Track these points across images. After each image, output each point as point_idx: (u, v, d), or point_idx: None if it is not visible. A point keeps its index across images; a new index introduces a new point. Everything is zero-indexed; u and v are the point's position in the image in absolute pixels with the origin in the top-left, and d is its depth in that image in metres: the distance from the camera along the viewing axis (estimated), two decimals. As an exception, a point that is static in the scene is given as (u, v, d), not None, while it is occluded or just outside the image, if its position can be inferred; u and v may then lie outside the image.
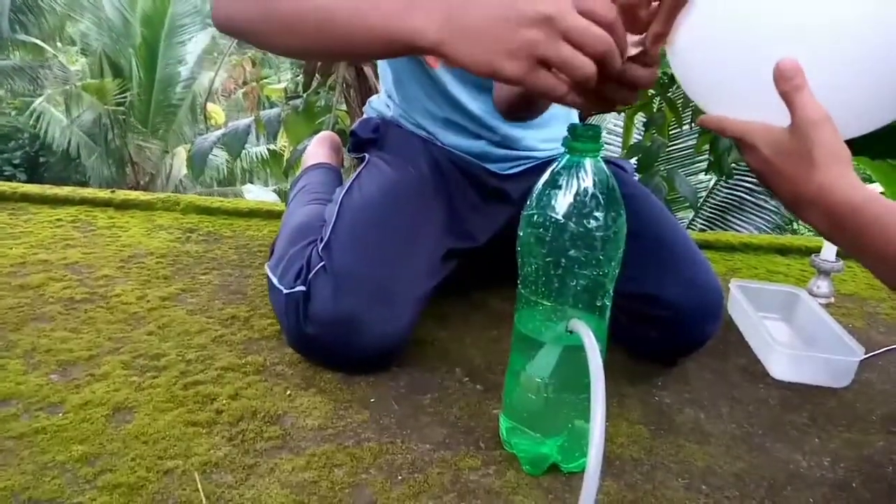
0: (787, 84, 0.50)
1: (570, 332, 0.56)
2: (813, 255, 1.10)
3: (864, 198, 0.49)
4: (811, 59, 0.49)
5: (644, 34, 0.58)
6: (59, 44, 10.22)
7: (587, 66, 0.50)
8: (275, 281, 0.82)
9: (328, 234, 0.80)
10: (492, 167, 0.94)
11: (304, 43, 0.62)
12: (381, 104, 1.02)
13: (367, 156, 0.96)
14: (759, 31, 0.52)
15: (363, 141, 0.99)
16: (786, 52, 0.50)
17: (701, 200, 3.12)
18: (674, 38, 0.58)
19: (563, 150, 0.57)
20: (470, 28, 0.52)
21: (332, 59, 0.80)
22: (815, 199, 0.51)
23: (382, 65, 0.99)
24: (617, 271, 0.59)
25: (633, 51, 0.58)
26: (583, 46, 0.50)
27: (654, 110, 1.97)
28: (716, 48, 0.55)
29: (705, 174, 3.16)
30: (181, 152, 8.65)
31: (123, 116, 8.56)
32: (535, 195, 0.58)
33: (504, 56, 0.51)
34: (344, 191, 0.87)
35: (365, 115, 1.06)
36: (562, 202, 0.56)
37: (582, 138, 0.56)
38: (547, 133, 0.96)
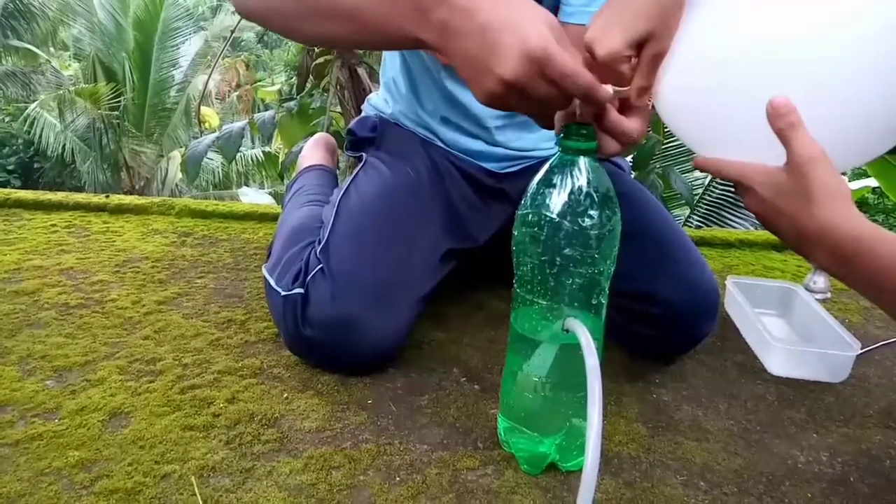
0: (781, 121, 0.50)
1: (567, 330, 0.56)
2: (808, 250, 1.10)
3: (866, 231, 0.49)
4: (800, 95, 0.49)
5: (628, 87, 0.58)
6: (51, 49, 10.18)
7: (548, 123, 0.57)
8: (272, 283, 0.82)
9: (326, 236, 0.80)
10: (490, 166, 0.94)
11: (332, 30, 0.64)
12: (380, 101, 1.01)
13: (364, 156, 0.96)
14: (745, 75, 0.52)
15: (360, 140, 0.99)
16: (773, 91, 0.50)
17: (696, 198, 3.12)
18: (658, 88, 0.58)
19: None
20: (459, 54, 0.55)
21: (356, 48, 0.83)
22: (818, 236, 0.50)
23: (390, 53, 0.98)
24: (612, 269, 0.59)
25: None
26: (550, 112, 0.56)
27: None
28: (701, 95, 0.55)
29: (700, 171, 3.16)
30: (176, 156, 8.63)
31: (117, 121, 8.53)
32: (529, 194, 0.58)
33: (477, 90, 0.55)
34: (341, 192, 0.87)
35: (363, 113, 1.05)
36: (556, 201, 0.56)
37: (576, 137, 0.56)
38: (543, 133, 0.96)
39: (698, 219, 3.18)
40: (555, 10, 0.83)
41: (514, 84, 0.52)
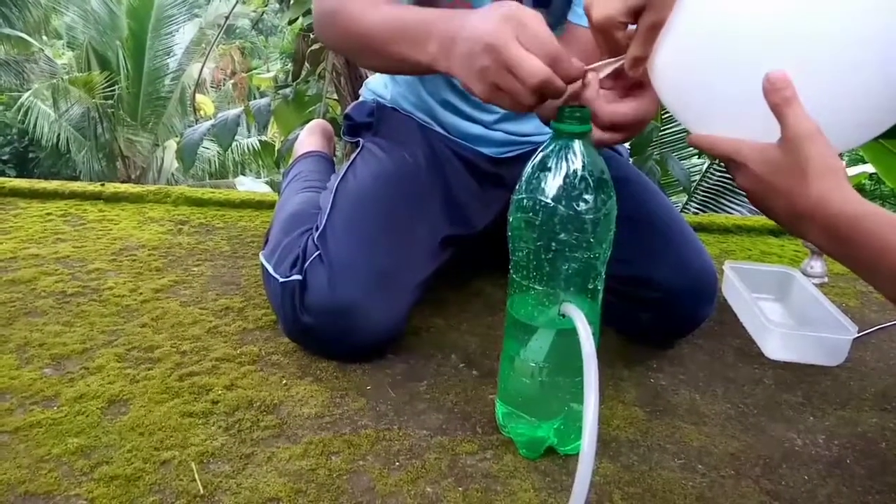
0: (777, 95, 0.49)
1: (563, 315, 0.56)
2: (805, 235, 1.10)
3: (861, 209, 0.48)
4: (798, 72, 0.48)
5: (621, 57, 0.57)
6: (44, 37, 10.09)
7: (524, 95, 0.57)
8: (270, 270, 0.81)
9: (323, 222, 0.80)
10: (488, 151, 0.94)
11: (370, 62, 0.83)
12: (379, 84, 1.01)
13: (361, 141, 0.95)
14: (743, 49, 0.51)
15: (358, 125, 0.99)
16: (771, 67, 0.49)
17: (694, 184, 3.11)
18: (654, 60, 0.57)
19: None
20: (455, 56, 0.61)
21: (394, 73, 0.97)
22: (812, 213, 0.50)
23: None
24: (608, 254, 0.59)
25: (607, 69, 0.57)
26: (521, 79, 0.56)
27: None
28: (698, 68, 0.54)
29: (698, 157, 3.16)
30: (172, 145, 8.58)
31: (112, 110, 8.48)
32: (524, 179, 0.57)
33: (473, 80, 0.60)
34: (339, 178, 0.87)
35: (361, 98, 1.05)
36: (551, 185, 0.55)
37: (570, 120, 0.56)
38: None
39: (696, 205, 3.18)
40: (565, 11, 0.84)
41: (495, 46, 0.56)
